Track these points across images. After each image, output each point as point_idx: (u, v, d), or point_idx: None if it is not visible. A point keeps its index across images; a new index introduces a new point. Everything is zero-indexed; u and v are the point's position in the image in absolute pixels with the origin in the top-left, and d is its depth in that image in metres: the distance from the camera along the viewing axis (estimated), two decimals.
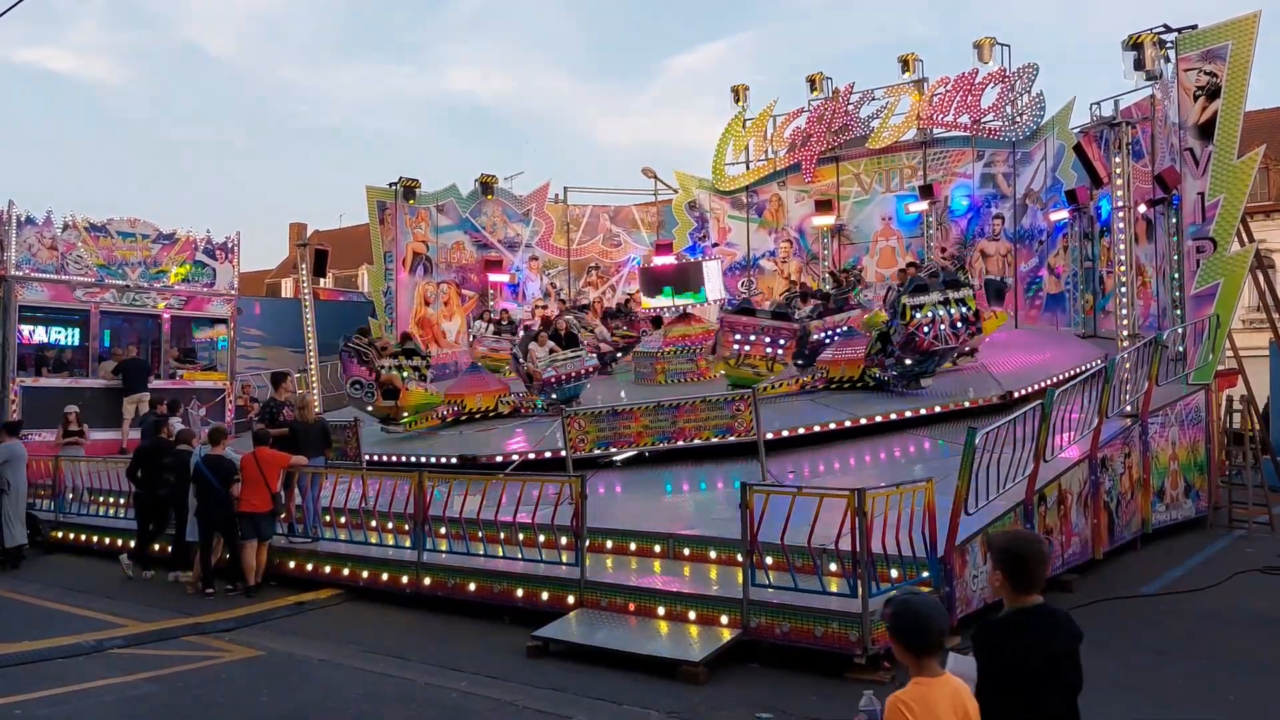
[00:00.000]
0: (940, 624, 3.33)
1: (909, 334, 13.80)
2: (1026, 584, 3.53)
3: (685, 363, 18.10)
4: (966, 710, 3.28)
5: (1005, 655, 3.47)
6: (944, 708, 3.21)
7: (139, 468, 11.93)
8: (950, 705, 3.23)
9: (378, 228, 23.44)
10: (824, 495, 7.69)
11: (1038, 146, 20.67)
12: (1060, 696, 3.48)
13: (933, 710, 3.17)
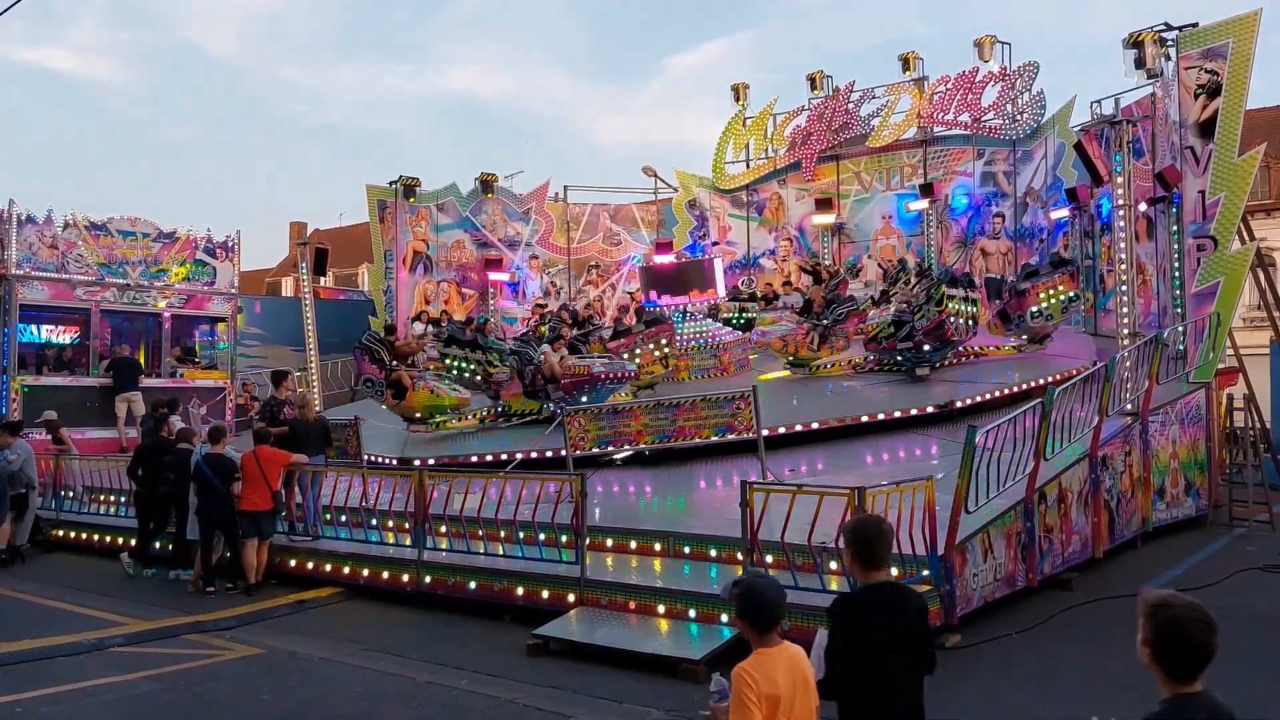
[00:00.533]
0: (779, 603, 3.64)
1: (940, 320, 14.43)
2: (872, 562, 3.87)
3: (709, 358, 17.95)
4: (804, 674, 3.64)
5: (854, 625, 3.81)
6: (781, 672, 3.53)
7: (140, 466, 11.93)
8: (787, 668, 3.56)
9: (378, 226, 23.45)
10: (824, 494, 7.70)
11: (1038, 145, 20.67)
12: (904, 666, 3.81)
13: (771, 676, 3.49)
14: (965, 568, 8.20)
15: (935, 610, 7.86)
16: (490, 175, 25.12)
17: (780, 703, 3.44)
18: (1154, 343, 11.77)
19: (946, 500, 7.97)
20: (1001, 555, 8.78)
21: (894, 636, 3.80)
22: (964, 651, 7.87)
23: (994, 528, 8.64)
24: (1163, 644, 2.98)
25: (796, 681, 3.53)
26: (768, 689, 3.45)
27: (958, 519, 7.96)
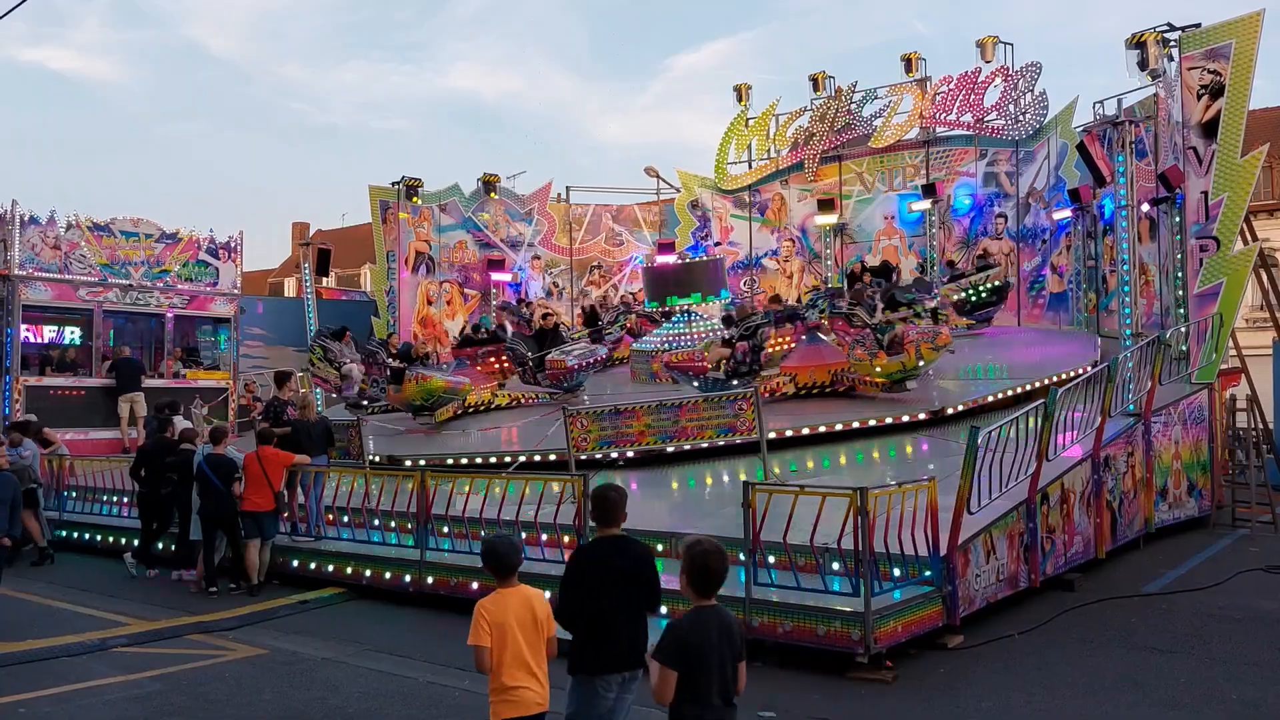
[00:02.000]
0: (511, 557, 4.67)
1: None
2: (605, 520, 4.83)
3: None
4: (534, 611, 4.58)
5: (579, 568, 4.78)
6: (512, 607, 4.53)
7: (142, 466, 11.95)
8: (518, 605, 4.55)
9: (380, 227, 23.47)
10: (826, 494, 7.69)
11: (1040, 145, 20.67)
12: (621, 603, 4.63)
13: (502, 608, 4.51)
14: (968, 568, 8.20)
15: (937, 611, 7.88)
16: (492, 176, 25.13)
17: (507, 629, 4.48)
18: (1156, 343, 11.77)
19: (949, 501, 7.97)
20: (1004, 556, 8.78)
21: (612, 579, 4.60)
22: (966, 652, 7.88)
23: (996, 528, 8.64)
24: (692, 572, 4.04)
25: (524, 616, 4.52)
26: (498, 618, 4.48)
27: (960, 519, 7.96)
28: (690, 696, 3.90)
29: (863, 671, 7.17)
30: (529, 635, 4.52)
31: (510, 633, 4.47)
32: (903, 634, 7.46)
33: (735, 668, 4.05)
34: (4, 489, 8.73)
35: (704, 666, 3.92)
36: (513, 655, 4.47)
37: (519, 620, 4.50)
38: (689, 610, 4.04)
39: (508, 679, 4.47)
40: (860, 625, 7.11)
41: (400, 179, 23.60)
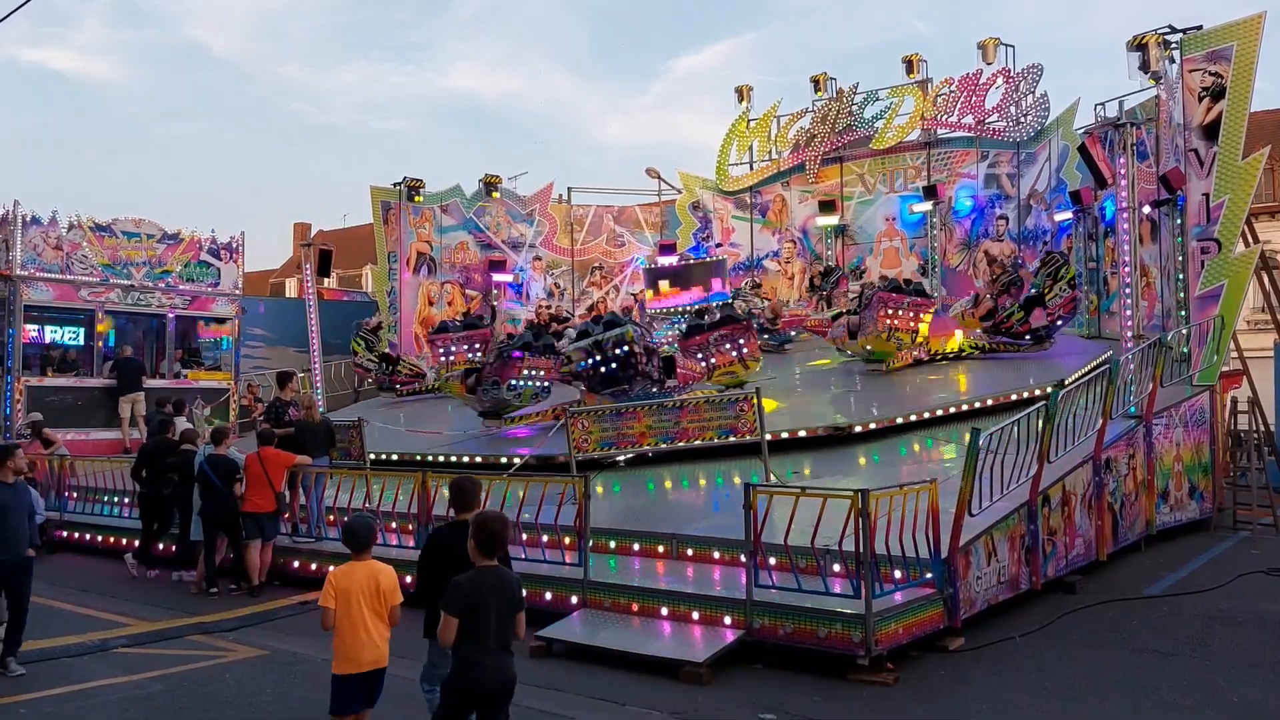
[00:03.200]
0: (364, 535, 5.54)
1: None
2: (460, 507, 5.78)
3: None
4: (378, 583, 5.42)
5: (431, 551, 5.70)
6: (357, 577, 5.35)
7: (143, 467, 11.95)
8: (365, 575, 5.40)
9: (382, 228, 23.49)
10: (827, 496, 7.69)
11: (1042, 147, 20.67)
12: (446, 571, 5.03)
13: (349, 577, 5.34)
14: (969, 570, 8.19)
15: (938, 613, 7.88)
16: (494, 177, 25.15)
17: (351, 595, 5.27)
18: (1158, 345, 11.77)
19: (950, 503, 7.97)
20: (1005, 558, 8.78)
21: (458, 560, 5.02)
22: (967, 654, 7.87)
23: (998, 531, 8.63)
24: (477, 536, 4.79)
25: (369, 586, 5.35)
26: (344, 585, 5.30)
27: (961, 522, 7.96)
28: (469, 640, 4.64)
29: (864, 673, 7.16)
30: (372, 602, 5.34)
31: (354, 599, 5.28)
32: (904, 636, 7.46)
33: (512, 619, 4.81)
34: (24, 496, 8.13)
35: (481, 616, 4.64)
36: (354, 618, 5.28)
37: (362, 589, 5.32)
38: (472, 569, 4.76)
39: (349, 638, 5.29)
40: (861, 627, 7.11)
41: (402, 179, 23.64)
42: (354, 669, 5.32)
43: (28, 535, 8.01)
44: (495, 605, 4.68)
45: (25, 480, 8.40)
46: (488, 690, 4.76)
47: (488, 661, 4.68)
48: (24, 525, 7.94)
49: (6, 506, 7.74)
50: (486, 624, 4.65)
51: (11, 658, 7.72)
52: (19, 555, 7.84)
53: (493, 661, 4.69)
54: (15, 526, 7.78)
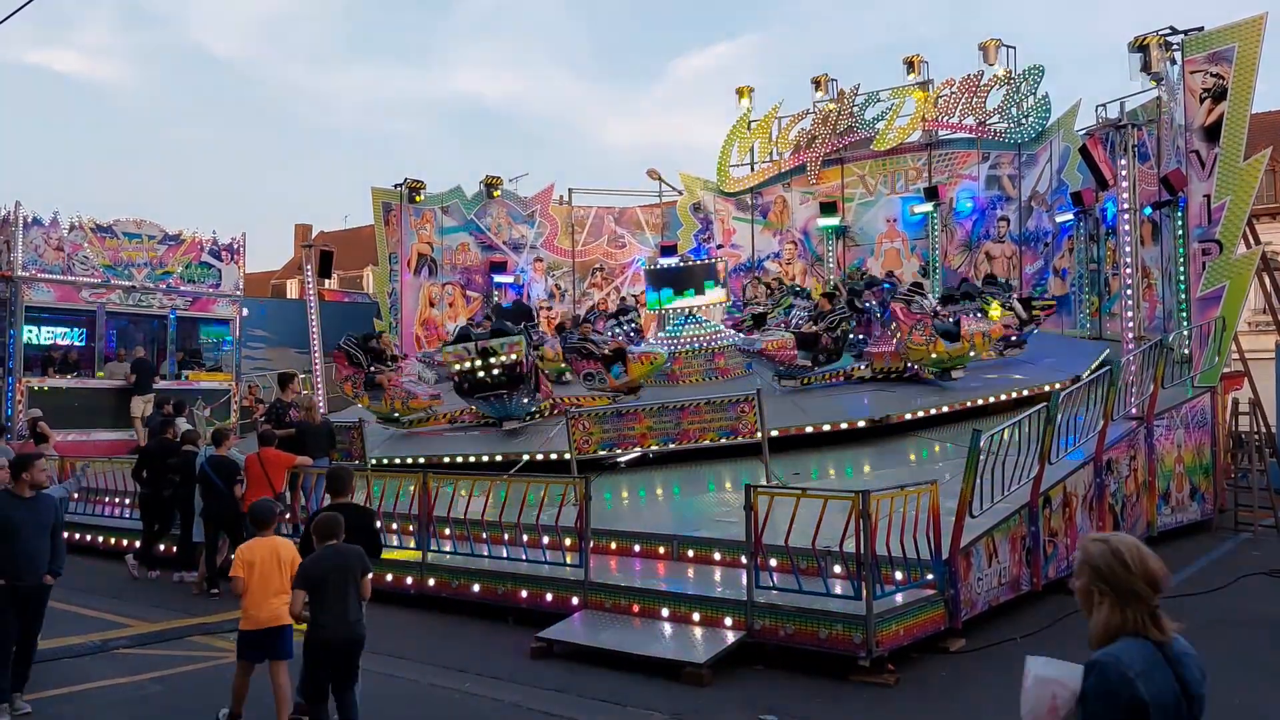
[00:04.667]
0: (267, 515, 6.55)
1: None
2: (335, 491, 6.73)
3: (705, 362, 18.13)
4: (279, 555, 6.24)
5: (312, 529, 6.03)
6: (263, 550, 6.26)
7: (144, 468, 11.95)
8: (269, 548, 6.28)
9: (383, 229, 23.49)
10: (828, 497, 7.68)
11: (1043, 148, 20.67)
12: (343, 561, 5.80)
13: (253, 551, 6.26)
14: (970, 572, 8.19)
15: (939, 615, 7.87)
16: (495, 178, 25.15)
17: (255, 565, 6.18)
18: (1159, 347, 11.76)
19: (951, 505, 7.96)
20: (1006, 559, 8.77)
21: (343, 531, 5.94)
22: (968, 655, 7.87)
23: (999, 532, 8.63)
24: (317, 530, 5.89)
25: (270, 558, 6.22)
26: (250, 558, 6.21)
27: (962, 523, 7.95)
28: (317, 605, 5.63)
29: (865, 674, 7.16)
30: (272, 571, 6.21)
31: (258, 569, 6.19)
32: (905, 637, 7.45)
33: (356, 588, 5.76)
34: (43, 512, 6.91)
35: (322, 586, 5.65)
36: (259, 585, 6.17)
37: (264, 560, 6.22)
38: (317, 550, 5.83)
39: (252, 602, 6.19)
40: (862, 628, 7.11)
41: (403, 181, 23.65)
42: (254, 626, 6.21)
43: (46, 557, 6.88)
44: (333, 577, 5.70)
45: None
46: (332, 644, 5.70)
47: (329, 621, 5.64)
48: (42, 546, 6.82)
49: (18, 524, 6.68)
50: (327, 592, 5.65)
51: (18, 694, 6.86)
52: (33, 581, 6.78)
53: (333, 621, 5.65)
54: (30, 548, 6.72)
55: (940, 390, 14.43)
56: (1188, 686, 2.76)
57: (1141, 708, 2.58)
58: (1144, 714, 2.58)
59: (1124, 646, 2.71)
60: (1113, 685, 2.60)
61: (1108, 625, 2.75)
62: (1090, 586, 2.78)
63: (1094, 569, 2.79)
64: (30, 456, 7.07)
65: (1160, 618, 2.80)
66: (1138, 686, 2.59)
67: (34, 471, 6.88)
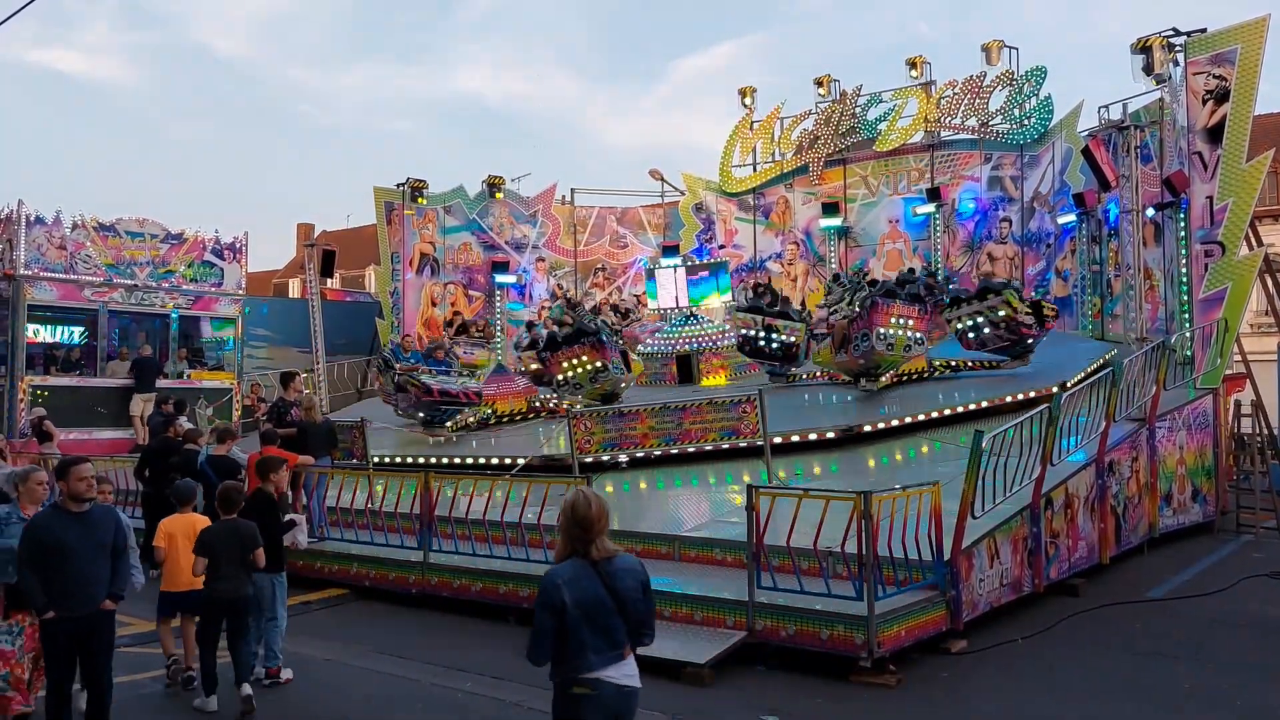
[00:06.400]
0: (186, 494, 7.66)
1: None
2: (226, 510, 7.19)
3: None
4: (195, 528, 7.15)
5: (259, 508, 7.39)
6: (182, 524, 7.36)
7: (146, 467, 11.96)
8: (186, 522, 7.37)
9: (385, 228, 23.52)
10: (830, 498, 7.67)
11: (1045, 149, 20.66)
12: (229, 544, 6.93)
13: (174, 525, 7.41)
14: (971, 573, 8.18)
15: (941, 616, 7.87)
16: (497, 178, 25.18)
17: (176, 537, 7.28)
18: (1161, 348, 11.75)
19: (953, 505, 7.96)
20: (1008, 560, 8.76)
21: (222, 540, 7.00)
22: (970, 656, 7.86)
23: (1000, 533, 8.62)
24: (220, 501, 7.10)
25: (189, 530, 7.19)
26: (171, 530, 7.36)
27: (964, 524, 7.94)
28: (211, 569, 6.78)
29: (866, 675, 7.15)
30: (189, 543, 7.01)
31: (177, 540, 7.24)
32: (906, 638, 7.45)
33: (250, 555, 6.87)
34: (100, 529, 5.83)
35: (217, 554, 6.79)
36: (179, 554, 7.17)
37: (183, 533, 7.22)
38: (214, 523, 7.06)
39: (173, 568, 7.27)
40: (864, 629, 7.10)
41: (405, 180, 23.67)
42: (173, 588, 7.28)
43: (106, 580, 5.80)
44: (225, 546, 6.84)
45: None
46: (221, 600, 6.83)
47: (220, 584, 6.80)
48: (99, 570, 5.77)
49: (68, 545, 5.65)
50: (220, 559, 6.80)
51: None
52: (89, 608, 5.69)
53: (223, 584, 6.80)
54: (84, 570, 5.68)
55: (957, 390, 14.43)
56: (617, 592, 3.97)
57: (561, 603, 3.88)
58: (563, 607, 3.88)
59: (564, 565, 4.01)
60: (546, 587, 3.93)
61: (560, 551, 4.09)
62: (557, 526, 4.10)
63: (560, 517, 4.09)
64: (69, 462, 5.97)
65: (592, 546, 3.98)
66: (561, 589, 3.89)
67: (70, 481, 5.78)
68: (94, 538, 5.77)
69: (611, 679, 4.01)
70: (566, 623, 3.88)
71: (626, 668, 4.09)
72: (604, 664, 3.97)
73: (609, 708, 4.03)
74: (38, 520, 5.84)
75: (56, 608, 5.62)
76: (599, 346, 15.01)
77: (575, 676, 3.93)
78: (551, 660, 3.93)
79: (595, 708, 3.98)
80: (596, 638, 3.93)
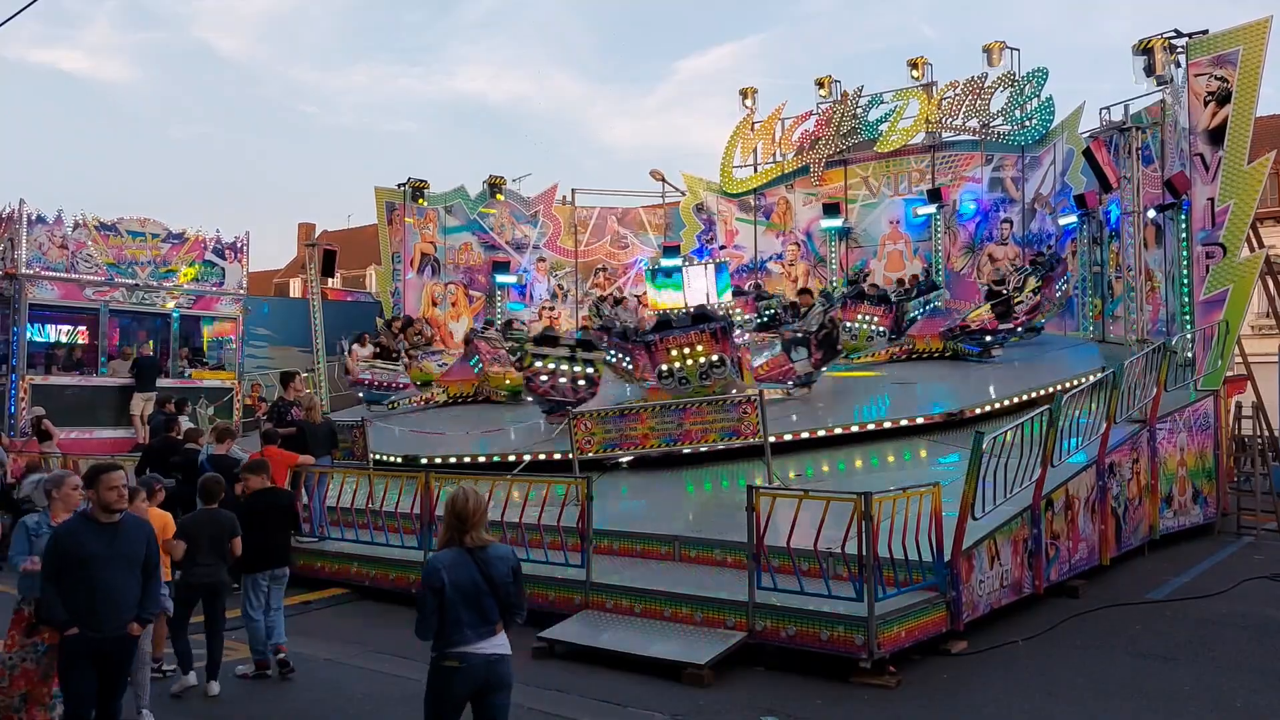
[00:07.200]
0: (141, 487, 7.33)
1: None
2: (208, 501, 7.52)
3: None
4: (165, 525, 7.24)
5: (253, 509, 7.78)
6: (156, 519, 6.99)
7: (147, 466, 11.96)
8: (159, 521, 7.08)
9: (386, 228, 23.52)
10: (830, 499, 7.68)
11: (1046, 151, 20.64)
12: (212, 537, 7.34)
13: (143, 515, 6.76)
14: (972, 574, 8.18)
15: (941, 617, 7.86)
16: (498, 178, 25.17)
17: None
18: (1162, 350, 11.75)
19: (953, 507, 7.95)
20: (1008, 562, 8.76)
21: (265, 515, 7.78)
22: (970, 658, 7.86)
23: (1001, 534, 8.62)
24: (200, 492, 7.46)
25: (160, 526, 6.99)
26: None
27: (964, 525, 7.94)
28: (189, 555, 7.10)
29: (866, 676, 7.16)
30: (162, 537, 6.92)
31: None
32: (906, 639, 7.45)
33: (228, 544, 7.22)
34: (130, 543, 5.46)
35: (197, 541, 7.14)
36: None
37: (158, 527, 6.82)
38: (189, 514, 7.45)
39: None
40: (864, 630, 7.10)
41: (406, 180, 23.67)
42: None
43: (134, 600, 5.41)
44: (205, 533, 7.21)
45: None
46: (197, 587, 7.20)
47: (198, 570, 7.15)
48: (128, 586, 5.38)
49: (96, 558, 5.27)
50: (201, 546, 7.15)
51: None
52: (114, 630, 5.31)
53: (201, 569, 7.15)
54: (111, 586, 5.29)
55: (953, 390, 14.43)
56: (490, 577, 4.64)
57: (441, 585, 4.50)
58: (442, 589, 4.50)
59: (445, 552, 4.65)
60: (429, 571, 4.59)
61: (441, 540, 4.73)
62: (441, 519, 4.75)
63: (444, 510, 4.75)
64: (101, 469, 5.48)
65: (468, 535, 4.64)
66: (441, 573, 4.52)
67: (101, 490, 5.37)
68: (123, 552, 5.36)
69: (481, 651, 4.62)
70: (445, 601, 4.50)
71: (497, 641, 4.72)
72: (476, 639, 4.60)
73: (477, 678, 4.62)
74: (63, 529, 5.42)
75: (79, 625, 5.22)
76: (720, 337, 13.21)
77: (448, 651, 4.56)
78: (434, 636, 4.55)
79: (463, 679, 4.59)
80: (471, 615, 4.57)
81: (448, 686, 4.58)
